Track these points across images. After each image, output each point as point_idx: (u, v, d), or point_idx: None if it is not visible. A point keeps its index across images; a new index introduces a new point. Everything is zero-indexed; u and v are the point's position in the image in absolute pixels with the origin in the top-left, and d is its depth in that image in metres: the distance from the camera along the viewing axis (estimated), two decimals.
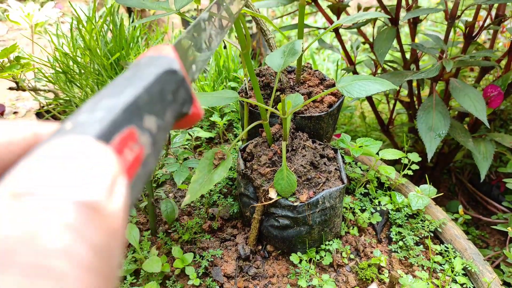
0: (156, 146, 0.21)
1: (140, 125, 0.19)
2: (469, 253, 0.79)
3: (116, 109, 0.18)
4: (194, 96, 0.26)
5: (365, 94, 0.61)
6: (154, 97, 0.21)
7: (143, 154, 0.19)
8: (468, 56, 0.99)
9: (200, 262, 0.77)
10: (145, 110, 0.20)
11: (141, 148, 0.19)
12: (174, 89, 0.23)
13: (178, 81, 0.23)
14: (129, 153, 0.18)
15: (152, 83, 0.21)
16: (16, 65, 1.13)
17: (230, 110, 1.17)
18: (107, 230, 0.15)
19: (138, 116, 0.19)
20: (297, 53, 0.69)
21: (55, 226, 0.13)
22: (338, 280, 0.76)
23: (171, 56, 0.24)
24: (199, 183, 0.63)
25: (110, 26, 1.09)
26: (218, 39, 0.36)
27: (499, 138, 1.10)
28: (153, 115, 0.20)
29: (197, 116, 0.26)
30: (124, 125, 0.18)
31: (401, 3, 1.07)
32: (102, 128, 0.17)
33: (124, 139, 0.18)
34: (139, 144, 0.19)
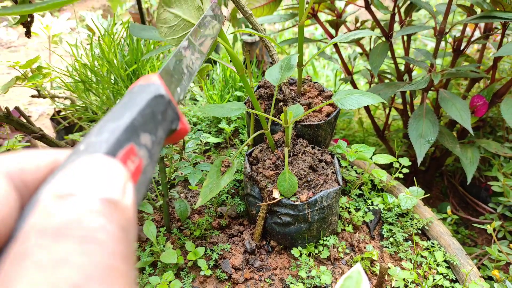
0: (152, 158, 0.25)
1: (137, 142, 0.24)
2: (452, 248, 0.88)
3: (118, 130, 0.23)
4: (180, 114, 0.30)
5: (357, 106, 0.70)
6: (147, 118, 0.25)
7: (142, 164, 0.24)
8: (455, 69, 1.08)
9: (210, 255, 0.86)
10: (141, 129, 0.24)
11: (140, 160, 0.24)
12: (163, 110, 0.28)
13: (165, 103, 0.28)
14: (131, 164, 0.23)
15: (145, 107, 0.26)
16: (38, 74, 1.23)
17: (236, 117, 1.26)
18: (124, 217, 0.21)
19: (135, 134, 0.24)
20: (293, 68, 0.78)
21: (92, 213, 0.19)
22: (335, 272, 0.84)
23: (158, 83, 0.28)
24: (209, 188, 0.72)
25: (127, 40, 1.18)
26: (199, 62, 0.42)
27: (485, 144, 1.18)
28: (147, 133, 0.25)
29: (184, 131, 0.31)
30: (125, 143, 0.23)
31: (394, 18, 1.16)
32: (108, 146, 0.22)
33: (126, 153, 0.23)
34: (139, 157, 0.24)
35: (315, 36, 2.92)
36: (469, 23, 1.11)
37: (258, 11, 1.23)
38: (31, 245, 0.17)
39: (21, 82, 1.23)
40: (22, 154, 0.23)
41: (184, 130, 0.31)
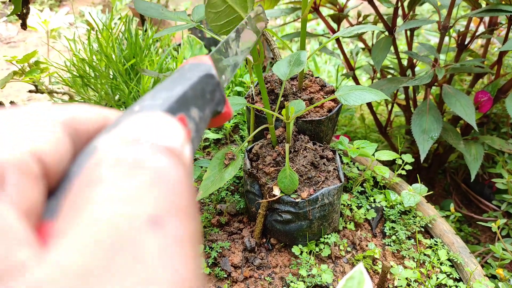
0: (198, 133, 0.25)
1: (188, 114, 0.24)
2: (456, 247, 0.86)
3: (171, 99, 0.23)
4: (226, 98, 0.30)
5: (360, 102, 0.68)
6: (197, 94, 0.26)
7: (190, 135, 0.24)
8: (459, 64, 1.06)
9: (209, 253, 0.84)
10: (191, 103, 0.25)
11: (189, 131, 0.24)
12: (212, 90, 0.28)
13: (215, 84, 0.28)
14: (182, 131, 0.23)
15: (196, 83, 0.26)
16: (36, 69, 1.21)
17: (236, 113, 1.25)
18: (184, 166, 0.20)
19: (186, 106, 0.24)
20: (303, 64, 0.76)
21: (158, 155, 0.19)
22: (336, 270, 0.83)
23: (209, 64, 0.29)
24: (211, 180, 0.70)
25: (125, 34, 1.16)
26: (242, 56, 0.42)
27: (489, 141, 1.17)
28: (196, 108, 0.25)
29: (228, 115, 0.31)
30: (178, 112, 0.23)
31: (397, 13, 1.14)
32: (165, 109, 0.22)
33: (179, 120, 0.23)
34: (188, 128, 0.24)
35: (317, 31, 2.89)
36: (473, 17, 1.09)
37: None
38: (105, 172, 0.17)
39: (18, 77, 1.22)
40: (75, 106, 0.23)
41: (228, 114, 0.31)
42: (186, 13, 0.74)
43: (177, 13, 0.73)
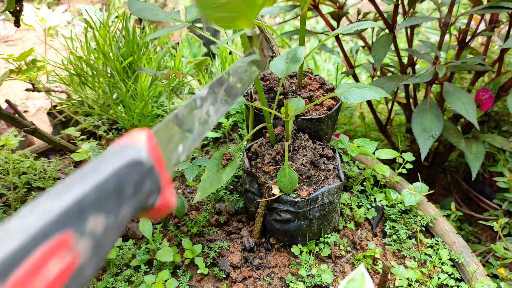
0: (99, 250, 0.19)
1: (81, 228, 0.18)
2: (458, 246, 0.85)
3: (51, 214, 0.17)
4: (164, 186, 0.24)
5: (361, 100, 0.67)
6: (107, 193, 0.20)
7: (76, 263, 0.17)
8: (460, 62, 1.05)
9: (208, 253, 0.83)
10: (92, 209, 0.19)
11: (75, 257, 0.17)
12: (138, 180, 0.22)
13: (144, 172, 0.23)
14: (53, 266, 0.17)
15: (108, 178, 0.20)
16: (32, 68, 1.20)
17: (235, 111, 1.24)
18: None
19: (79, 218, 0.18)
20: (300, 61, 0.75)
21: None
22: (336, 270, 0.82)
23: (141, 145, 0.23)
24: (209, 181, 0.69)
25: (122, 32, 1.15)
26: (218, 114, 0.36)
27: (490, 139, 1.16)
28: (102, 214, 0.19)
29: (165, 207, 0.25)
30: (57, 231, 0.17)
31: (397, 10, 1.13)
32: (13, 251, 0.15)
33: (51, 249, 0.16)
34: (73, 252, 0.17)
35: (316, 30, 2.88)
36: (474, 15, 1.08)
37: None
38: None
39: (15, 75, 1.20)
40: None
41: (165, 207, 0.24)
42: (179, 13, 0.73)
43: (170, 14, 0.72)
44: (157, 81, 1.20)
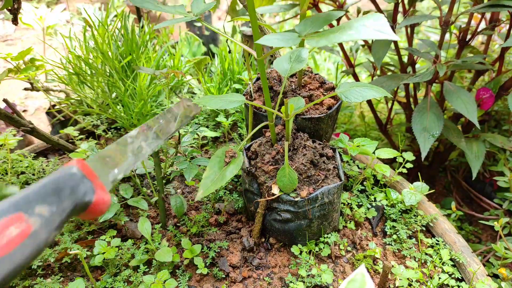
0: (49, 225, 0.29)
1: (29, 211, 0.28)
2: (458, 246, 0.85)
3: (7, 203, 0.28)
4: (96, 186, 0.35)
5: (362, 99, 0.67)
6: (47, 193, 0.30)
7: (30, 229, 0.28)
8: (461, 61, 1.04)
9: (207, 253, 0.83)
10: (37, 202, 0.29)
11: (28, 226, 0.28)
12: (73, 185, 0.33)
13: (77, 179, 0.33)
14: (14, 229, 0.27)
15: (47, 184, 0.31)
16: (31, 67, 1.19)
17: (234, 110, 1.23)
18: None
19: (27, 206, 0.29)
20: (304, 61, 0.74)
21: None
22: (336, 270, 0.82)
23: (72, 165, 0.34)
24: (211, 179, 0.68)
25: (121, 31, 1.14)
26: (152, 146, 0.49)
27: (491, 138, 1.15)
28: (45, 205, 0.30)
29: (101, 202, 0.35)
30: (11, 212, 0.28)
31: (398, 9, 1.12)
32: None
33: (9, 221, 0.27)
34: (27, 223, 0.28)
35: None
36: (475, 13, 1.07)
37: (257, 1, 1.20)
38: None
39: (13, 74, 1.20)
40: None
41: (100, 202, 0.35)
42: (184, 6, 0.72)
43: (174, 7, 0.71)
44: (156, 80, 1.20)
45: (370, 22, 0.46)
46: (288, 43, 0.55)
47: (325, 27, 1.07)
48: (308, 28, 0.58)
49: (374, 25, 0.46)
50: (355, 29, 0.46)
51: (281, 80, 0.96)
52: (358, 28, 0.46)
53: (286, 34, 0.57)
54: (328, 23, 0.59)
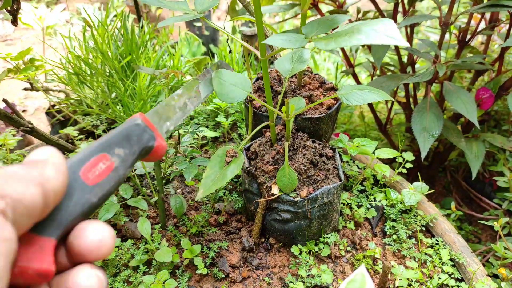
0: (125, 163, 0.36)
1: (111, 152, 0.35)
2: (458, 246, 0.85)
3: (93, 147, 0.34)
4: (157, 135, 0.42)
5: (363, 102, 0.67)
6: (122, 139, 0.37)
7: (113, 165, 0.35)
8: (461, 61, 1.04)
9: (207, 253, 0.83)
10: (115, 145, 0.36)
11: (112, 162, 0.35)
12: (139, 134, 0.40)
13: (141, 129, 0.40)
14: (102, 165, 0.34)
15: (120, 132, 0.38)
16: (31, 67, 1.19)
17: (234, 110, 1.23)
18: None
19: (109, 148, 0.35)
20: (305, 61, 0.74)
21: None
22: (336, 270, 0.82)
23: (136, 117, 0.41)
24: (211, 179, 0.68)
25: (121, 30, 1.14)
26: (194, 103, 0.58)
27: (491, 138, 1.15)
28: (121, 148, 0.36)
29: (161, 147, 0.42)
30: (99, 152, 0.34)
31: (397, 9, 1.12)
32: (77, 159, 0.33)
33: (98, 158, 0.34)
34: (111, 161, 0.35)
35: None
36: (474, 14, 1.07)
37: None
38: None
39: (13, 74, 1.20)
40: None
41: (160, 147, 0.42)
42: (187, 3, 0.71)
43: (177, 3, 0.70)
44: (155, 80, 1.20)
45: (380, 27, 0.46)
46: (296, 44, 0.55)
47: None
48: (314, 30, 0.58)
49: (385, 30, 0.45)
50: (365, 34, 0.46)
51: (281, 80, 0.96)
52: (368, 33, 0.46)
53: (293, 36, 0.57)
54: (335, 26, 0.59)
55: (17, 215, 0.24)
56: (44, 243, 0.28)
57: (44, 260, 0.27)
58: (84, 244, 0.29)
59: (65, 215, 0.29)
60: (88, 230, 0.30)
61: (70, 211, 0.30)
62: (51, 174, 0.27)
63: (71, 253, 0.30)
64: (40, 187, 0.26)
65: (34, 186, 0.25)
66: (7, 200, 0.23)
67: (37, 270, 0.27)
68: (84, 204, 0.31)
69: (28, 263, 0.26)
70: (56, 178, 0.28)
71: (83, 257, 0.30)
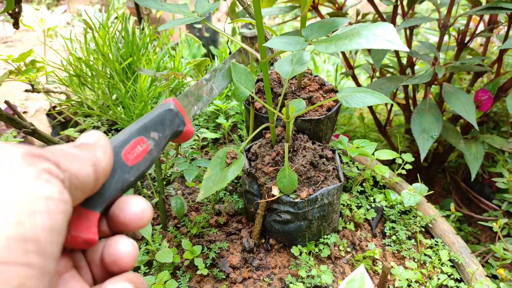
0: (158, 146, 0.40)
1: (147, 136, 0.38)
2: (457, 247, 0.85)
3: (132, 130, 0.38)
4: (186, 121, 0.45)
5: (362, 105, 0.67)
6: (156, 123, 0.40)
7: (149, 148, 0.38)
8: (459, 63, 1.05)
9: (208, 254, 0.83)
10: (151, 129, 0.39)
11: (148, 145, 0.38)
12: (171, 118, 0.42)
13: (173, 114, 0.43)
14: (139, 147, 0.37)
15: (155, 116, 0.41)
16: (32, 68, 1.20)
17: (234, 112, 1.24)
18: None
19: (146, 132, 0.38)
20: (305, 63, 0.75)
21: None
22: (335, 271, 0.82)
23: (169, 102, 0.43)
24: (212, 180, 0.68)
25: (122, 32, 1.15)
26: (220, 88, 0.60)
27: (490, 140, 1.16)
28: (156, 132, 0.39)
29: (189, 132, 0.45)
30: (137, 135, 0.38)
31: (397, 11, 1.13)
32: (119, 141, 0.36)
33: (137, 141, 0.37)
34: (147, 144, 0.38)
35: None
36: (473, 16, 1.08)
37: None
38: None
39: (14, 76, 1.20)
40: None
41: (188, 131, 0.45)
42: (187, 6, 0.71)
43: (178, 6, 0.71)
44: (156, 82, 1.20)
45: (380, 32, 0.46)
46: (296, 47, 0.56)
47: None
48: (314, 33, 0.58)
49: (384, 34, 0.46)
50: (365, 38, 0.46)
51: (281, 82, 0.97)
52: (368, 37, 0.46)
53: (293, 38, 0.58)
54: (334, 29, 0.59)
55: (72, 187, 0.28)
56: (91, 216, 0.32)
57: (90, 231, 0.32)
58: (128, 215, 0.34)
59: (108, 192, 0.33)
60: (131, 203, 0.34)
61: (112, 188, 0.34)
62: (101, 156, 0.31)
63: (115, 224, 0.34)
64: (92, 167, 0.30)
65: (88, 166, 0.29)
66: (66, 174, 0.27)
67: (85, 239, 0.31)
68: (124, 183, 0.35)
69: (78, 233, 0.31)
70: (104, 159, 0.31)
71: (126, 226, 0.34)
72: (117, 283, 0.31)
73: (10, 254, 0.22)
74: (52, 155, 0.27)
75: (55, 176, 0.26)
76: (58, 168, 0.27)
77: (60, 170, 0.27)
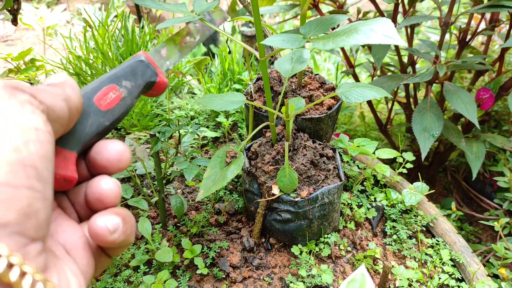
0: (131, 94, 0.40)
1: (119, 84, 0.39)
2: (458, 246, 0.85)
3: (103, 78, 0.38)
4: (159, 72, 0.45)
5: (362, 100, 0.67)
6: (128, 73, 0.41)
7: (122, 95, 0.39)
8: (461, 61, 1.04)
9: (207, 253, 0.83)
10: (122, 78, 0.40)
11: (120, 93, 0.39)
12: (143, 69, 0.43)
13: (145, 65, 0.43)
14: (112, 94, 0.38)
15: (126, 67, 0.41)
16: (31, 67, 1.19)
17: (234, 111, 1.23)
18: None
19: (117, 80, 0.39)
20: (305, 62, 0.75)
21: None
22: (336, 271, 0.82)
23: (140, 54, 0.44)
24: (212, 179, 0.68)
25: (122, 31, 1.15)
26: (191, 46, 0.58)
27: (491, 139, 1.15)
28: (128, 81, 0.40)
29: (163, 83, 0.45)
30: (108, 84, 0.38)
31: (398, 9, 1.12)
32: (90, 88, 0.37)
33: (109, 88, 0.38)
34: (119, 91, 0.39)
35: None
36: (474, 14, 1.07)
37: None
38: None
39: (14, 75, 1.20)
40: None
41: (162, 82, 0.45)
42: (186, 5, 0.71)
43: (176, 5, 0.71)
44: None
45: (378, 27, 0.45)
46: (294, 44, 0.55)
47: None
48: (313, 30, 0.58)
49: (382, 30, 0.45)
50: (363, 33, 0.45)
51: (281, 80, 0.96)
52: (366, 33, 0.45)
53: (291, 36, 0.57)
54: (333, 26, 0.59)
55: (51, 120, 0.29)
56: (67, 155, 0.33)
57: (68, 169, 0.33)
58: (106, 158, 0.34)
59: (83, 133, 0.35)
60: (109, 146, 0.35)
61: (88, 130, 0.35)
62: (70, 92, 0.32)
63: (93, 166, 0.35)
64: (65, 102, 0.31)
65: (61, 101, 0.30)
66: (44, 106, 0.28)
67: (64, 175, 0.32)
68: (99, 126, 0.36)
69: (58, 170, 0.32)
70: (74, 96, 0.32)
71: (105, 169, 0.35)
72: (105, 215, 0.32)
73: (15, 177, 0.23)
74: (27, 88, 0.28)
75: (36, 107, 0.27)
76: (36, 100, 0.27)
77: (38, 102, 0.28)
